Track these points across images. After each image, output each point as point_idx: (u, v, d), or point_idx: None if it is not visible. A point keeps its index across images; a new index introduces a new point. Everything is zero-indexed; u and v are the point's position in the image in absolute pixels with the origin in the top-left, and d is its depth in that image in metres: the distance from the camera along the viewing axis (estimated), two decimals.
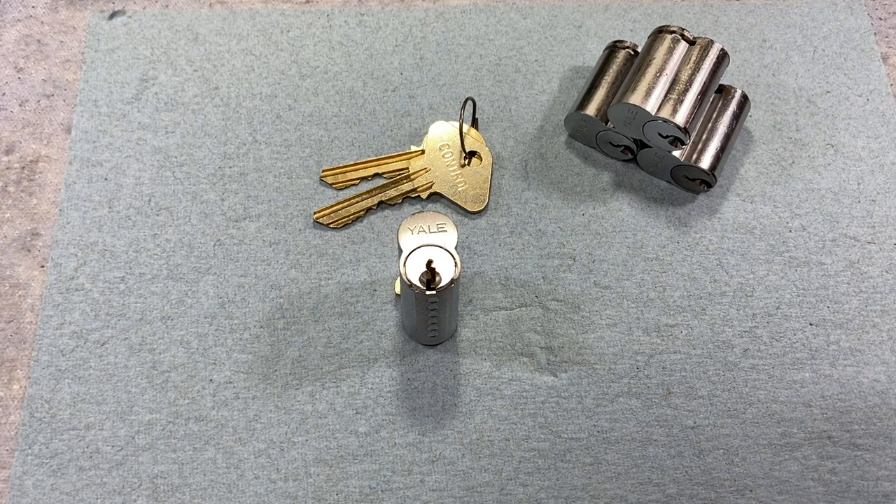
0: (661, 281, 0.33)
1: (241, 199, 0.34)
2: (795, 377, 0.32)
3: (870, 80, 0.38)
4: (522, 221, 0.34)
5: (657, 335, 0.32)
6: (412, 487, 0.30)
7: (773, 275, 0.33)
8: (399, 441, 0.30)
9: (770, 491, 0.30)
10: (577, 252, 0.34)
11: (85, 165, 0.35)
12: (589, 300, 0.33)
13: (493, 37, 0.39)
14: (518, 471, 0.30)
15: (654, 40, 0.33)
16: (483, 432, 0.31)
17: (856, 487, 0.30)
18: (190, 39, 0.38)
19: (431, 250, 0.27)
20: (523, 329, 0.32)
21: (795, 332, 0.32)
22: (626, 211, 0.35)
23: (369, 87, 0.37)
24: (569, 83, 0.37)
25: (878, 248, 0.34)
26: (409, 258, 0.27)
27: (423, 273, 0.26)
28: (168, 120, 0.36)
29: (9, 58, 0.38)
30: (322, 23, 0.39)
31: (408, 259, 0.27)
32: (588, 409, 0.31)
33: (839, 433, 0.31)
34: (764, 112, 0.37)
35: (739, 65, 0.38)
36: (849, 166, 0.36)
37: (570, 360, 0.32)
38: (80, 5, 0.39)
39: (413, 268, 0.26)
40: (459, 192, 0.34)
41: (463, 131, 0.35)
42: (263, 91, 0.37)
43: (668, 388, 0.31)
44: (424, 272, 0.26)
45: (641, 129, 0.33)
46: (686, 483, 0.30)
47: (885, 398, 0.31)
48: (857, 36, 0.39)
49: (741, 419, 0.31)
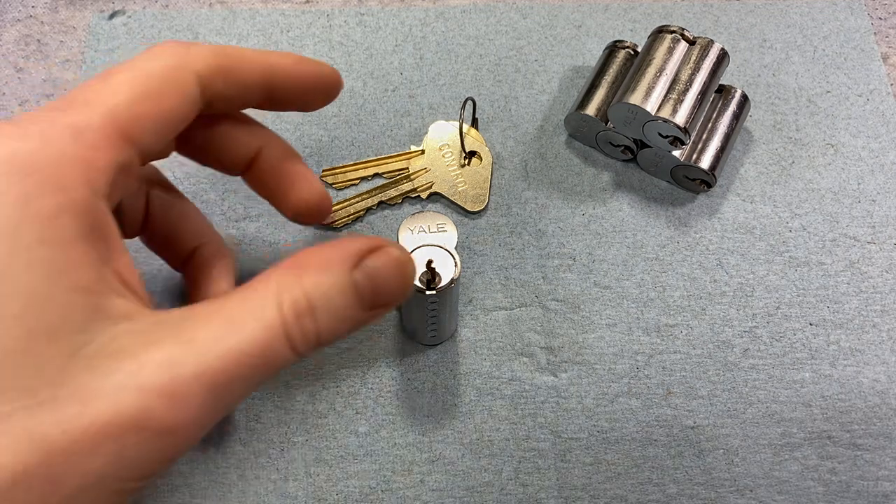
0: (661, 281, 0.33)
1: (241, 199, 0.34)
2: (795, 377, 0.32)
3: (870, 80, 0.38)
4: (522, 221, 0.34)
5: (657, 335, 0.32)
6: (412, 487, 0.30)
7: (773, 275, 0.33)
8: (399, 441, 0.30)
9: (770, 491, 0.30)
10: (577, 252, 0.34)
11: None
12: (589, 300, 0.33)
13: (493, 37, 0.39)
14: (518, 471, 0.30)
15: (654, 40, 0.33)
16: (483, 432, 0.31)
17: (856, 487, 0.30)
18: (190, 39, 0.38)
19: (431, 250, 0.27)
20: (523, 329, 0.32)
21: (795, 332, 0.32)
22: (626, 211, 0.35)
23: (369, 87, 0.37)
24: (569, 83, 0.37)
25: (878, 248, 0.34)
26: None
27: (423, 273, 0.26)
28: None
29: (9, 58, 0.38)
30: (322, 23, 0.39)
31: None
32: (588, 409, 0.31)
33: (839, 433, 0.31)
34: (764, 112, 0.37)
35: (739, 64, 0.38)
36: (849, 166, 0.36)
37: (570, 360, 0.32)
38: (80, 5, 0.39)
39: None
40: (459, 192, 0.34)
41: (463, 131, 0.35)
42: None
43: (668, 388, 0.31)
44: (424, 272, 0.26)
45: (641, 129, 0.33)
46: (686, 483, 0.30)
47: (885, 398, 0.31)
48: (857, 36, 0.39)
49: (741, 419, 0.31)
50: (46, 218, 0.18)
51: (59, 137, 0.19)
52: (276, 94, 0.25)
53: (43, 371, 0.17)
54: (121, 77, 0.21)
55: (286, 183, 0.27)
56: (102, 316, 0.19)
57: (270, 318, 0.20)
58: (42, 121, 0.19)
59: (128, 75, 0.21)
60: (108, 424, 0.17)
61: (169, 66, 0.22)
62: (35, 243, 0.18)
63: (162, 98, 0.21)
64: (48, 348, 0.17)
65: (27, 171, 0.18)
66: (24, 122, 0.19)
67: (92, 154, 0.19)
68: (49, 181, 0.18)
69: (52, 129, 0.19)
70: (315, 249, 0.22)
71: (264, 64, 0.24)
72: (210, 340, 0.19)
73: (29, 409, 0.17)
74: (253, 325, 0.19)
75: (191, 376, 0.18)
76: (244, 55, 0.24)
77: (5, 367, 0.17)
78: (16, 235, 0.17)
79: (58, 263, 0.18)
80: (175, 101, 0.22)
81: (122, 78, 0.21)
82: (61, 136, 0.19)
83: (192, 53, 0.22)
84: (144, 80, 0.21)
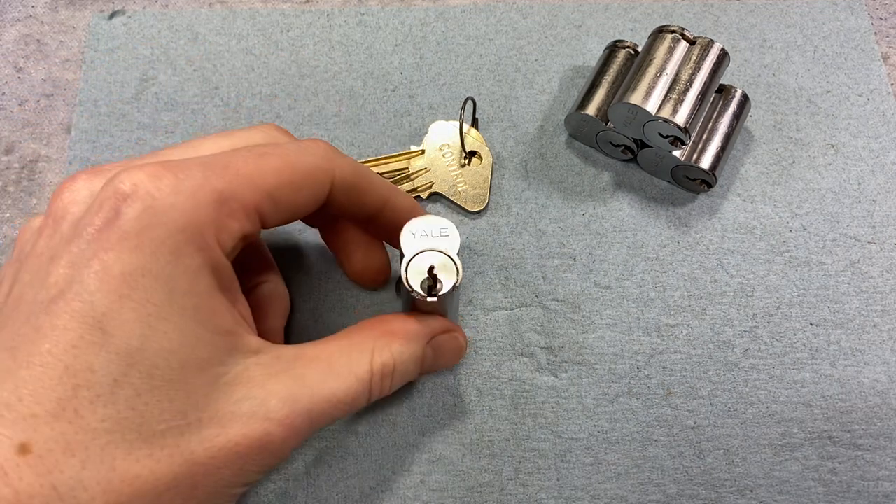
0: (662, 281, 0.33)
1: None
2: (796, 377, 0.32)
3: (870, 80, 0.38)
4: (522, 221, 0.34)
5: (657, 335, 0.32)
6: (412, 487, 0.30)
7: (773, 275, 0.33)
8: (399, 441, 0.30)
9: (770, 491, 0.30)
10: (578, 252, 0.34)
11: (85, 165, 0.35)
12: (589, 300, 0.33)
13: (493, 36, 0.39)
14: (518, 471, 0.30)
15: (655, 40, 0.33)
16: (483, 432, 0.31)
17: (856, 487, 0.30)
18: (190, 39, 0.38)
19: (433, 255, 0.27)
20: (523, 329, 0.32)
21: (796, 332, 0.32)
22: (626, 211, 0.35)
23: (369, 87, 0.37)
24: (569, 83, 0.37)
25: (878, 247, 0.34)
26: (411, 263, 0.26)
27: (425, 279, 0.26)
28: (168, 120, 0.36)
29: (8, 57, 0.38)
30: (322, 23, 0.39)
31: (409, 264, 0.26)
32: (588, 409, 0.31)
33: (840, 433, 0.31)
34: (764, 112, 0.37)
35: (740, 64, 0.38)
36: (849, 166, 0.36)
37: (571, 360, 0.32)
38: (80, 5, 0.39)
39: (415, 273, 0.26)
40: (459, 191, 0.34)
41: (463, 131, 0.35)
42: (263, 91, 0.37)
43: (669, 388, 0.31)
44: (426, 278, 0.26)
45: (642, 129, 0.33)
46: (686, 483, 0.30)
47: (886, 398, 0.31)
48: (857, 36, 0.39)
49: (741, 419, 0.31)
50: (193, 273, 0.21)
51: (207, 202, 0.22)
52: (375, 222, 0.28)
53: (191, 397, 0.21)
54: (273, 162, 0.24)
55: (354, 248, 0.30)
56: (237, 351, 0.23)
57: (364, 373, 0.25)
58: (194, 178, 0.22)
59: (279, 162, 0.24)
60: (239, 445, 0.22)
61: (316, 166, 0.25)
62: (187, 293, 0.21)
63: (300, 192, 0.24)
64: (197, 378, 0.21)
65: (179, 227, 0.21)
66: (178, 173, 0.22)
67: (229, 222, 0.22)
68: (194, 240, 0.21)
69: (202, 191, 0.22)
70: (401, 319, 0.27)
71: (386, 198, 0.27)
72: (317, 382, 0.24)
73: (180, 428, 0.21)
74: (350, 377, 0.25)
75: (303, 411, 0.23)
76: (373, 183, 0.27)
77: (163, 392, 0.20)
78: (171, 286, 0.21)
79: (204, 311, 0.22)
80: (308, 198, 0.25)
81: (274, 164, 0.24)
82: (209, 200, 0.22)
83: (337, 163, 0.26)
84: (291, 172, 0.24)
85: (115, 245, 0.20)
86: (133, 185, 0.21)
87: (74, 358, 0.19)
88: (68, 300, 0.20)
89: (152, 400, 0.20)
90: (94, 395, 0.19)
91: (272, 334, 0.29)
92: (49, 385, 0.19)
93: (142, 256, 0.20)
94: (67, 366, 0.19)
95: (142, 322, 0.20)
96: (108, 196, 0.21)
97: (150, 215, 0.21)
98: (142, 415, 0.20)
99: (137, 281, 0.20)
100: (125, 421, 0.20)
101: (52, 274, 0.21)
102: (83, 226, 0.21)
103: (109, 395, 0.20)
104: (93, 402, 0.19)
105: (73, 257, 0.21)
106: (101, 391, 0.20)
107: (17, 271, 0.23)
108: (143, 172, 0.21)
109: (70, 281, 0.20)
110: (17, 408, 0.19)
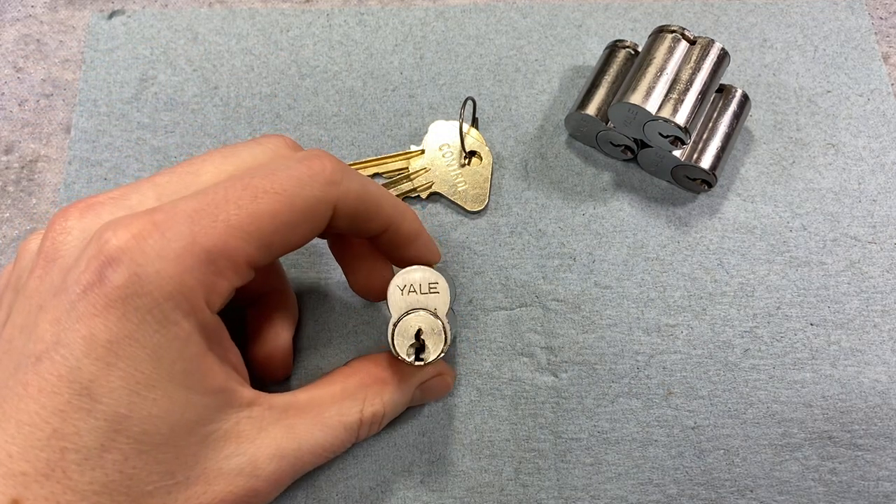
0: (662, 281, 0.33)
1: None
2: (796, 377, 0.32)
3: (870, 80, 0.38)
4: (522, 221, 0.34)
5: (657, 335, 0.32)
6: (412, 487, 0.30)
7: (773, 275, 0.33)
8: (399, 441, 0.30)
9: (771, 491, 0.30)
10: (578, 252, 0.34)
11: (84, 165, 0.35)
12: (589, 300, 0.33)
13: (493, 36, 0.39)
14: (518, 471, 0.30)
15: (655, 40, 0.33)
16: (483, 432, 0.31)
17: (857, 488, 0.30)
18: (189, 39, 0.38)
19: (421, 317, 0.26)
20: (523, 329, 0.32)
21: (796, 332, 0.32)
22: (626, 211, 0.35)
23: (369, 86, 0.37)
24: (569, 83, 0.37)
25: (878, 247, 0.34)
26: (398, 326, 0.26)
27: (412, 344, 0.25)
28: (168, 120, 0.36)
29: (8, 57, 0.38)
30: (322, 22, 0.39)
31: (396, 327, 0.26)
32: (588, 409, 0.31)
33: (840, 433, 0.31)
34: (764, 112, 0.37)
35: (740, 64, 0.38)
36: (849, 166, 0.36)
37: (571, 360, 0.32)
38: (80, 5, 0.39)
39: (401, 336, 0.25)
40: (459, 191, 0.34)
41: (463, 131, 0.35)
42: (263, 91, 0.37)
43: (669, 388, 0.31)
44: (413, 343, 0.25)
45: (642, 129, 0.33)
46: (686, 483, 0.30)
47: (886, 398, 0.31)
48: (857, 35, 0.39)
49: (742, 419, 0.31)
50: (182, 340, 0.21)
51: (194, 265, 0.21)
52: (377, 240, 0.27)
53: (180, 457, 0.22)
54: (268, 204, 0.22)
55: (359, 264, 0.29)
56: (229, 407, 0.23)
57: (353, 423, 0.26)
58: (181, 237, 0.21)
59: (275, 204, 0.22)
60: (224, 501, 0.22)
61: (317, 199, 0.23)
62: (175, 360, 0.21)
63: (296, 230, 0.23)
64: (186, 439, 0.22)
65: (166, 294, 0.21)
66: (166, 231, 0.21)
67: (218, 282, 0.22)
68: (181, 307, 0.21)
69: (189, 254, 0.21)
70: (395, 367, 0.28)
71: (388, 225, 0.26)
72: (306, 434, 0.25)
73: (167, 487, 0.21)
74: (339, 428, 0.26)
75: (289, 466, 0.24)
76: (380, 207, 0.26)
77: (151, 455, 0.21)
78: (159, 354, 0.21)
79: (194, 375, 0.22)
80: (306, 233, 0.24)
81: (269, 206, 0.22)
82: (196, 262, 0.21)
83: (342, 190, 0.24)
84: (289, 212, 0.23)
85: (101, 311, 0.20)
86: (118, 249, 0.21)
87: (62, 422, 0.20)
88: (56, 362, 0.20)
89: (140, 463, 0.21)
90: (82, 458, 0.20)
91: (280, 351, 0.29)
92: (38, 445, 0.20)
93: (129, 325, 0.20)
94: (55, 429, 0.20)
95: (129, 390, 0.20)
96: (94, 255, 0.21)
97: (135, 283, 0.20)
98: (130, 477, 0.20)
99: (124, 350, 0.20)
100: (113, 483, 0.20)
101: (38, 327, 0.21)
102: (70, 282, 0.21)
103: (97, 458, 0.20)
104: (80, 465, 0.20)
105: (59, 314, 0.20)
106: (89, 455, 0.20)
107: (12, 305, 0.23)
108: (129, 233, 0.21)
109: (56, 341, 0.20)
110: (7, 464, 0.19)
